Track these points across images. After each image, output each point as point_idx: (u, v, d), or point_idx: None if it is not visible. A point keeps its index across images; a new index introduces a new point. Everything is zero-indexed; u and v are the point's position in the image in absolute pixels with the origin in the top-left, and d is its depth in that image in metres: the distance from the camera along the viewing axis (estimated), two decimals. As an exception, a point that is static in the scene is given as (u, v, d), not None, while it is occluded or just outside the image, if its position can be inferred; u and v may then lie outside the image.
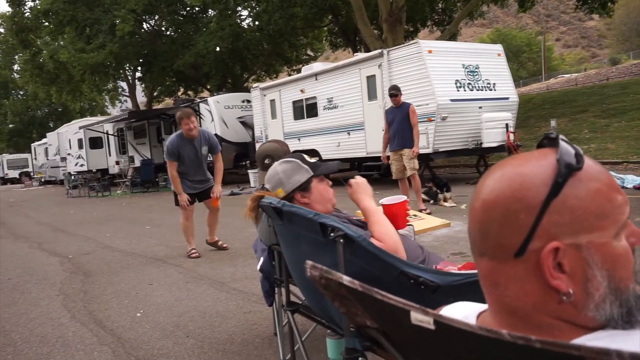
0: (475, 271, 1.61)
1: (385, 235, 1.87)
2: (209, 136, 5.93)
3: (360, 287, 0.79)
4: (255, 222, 2.19)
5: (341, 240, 1.67)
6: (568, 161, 0.71)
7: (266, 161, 3.21)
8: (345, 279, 0.80)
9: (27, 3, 30.34)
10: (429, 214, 6.78)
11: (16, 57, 40.50)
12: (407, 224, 2.28)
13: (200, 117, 18.50)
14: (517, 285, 0.73)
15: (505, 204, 0.73)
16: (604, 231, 0.70)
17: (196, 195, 6.14)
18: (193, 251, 6.11)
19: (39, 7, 26.24)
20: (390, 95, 7.52)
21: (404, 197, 2.17)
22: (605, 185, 0.72)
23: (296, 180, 2.09)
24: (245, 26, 26.45)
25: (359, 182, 2.12)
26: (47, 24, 26.77)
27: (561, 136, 0.76)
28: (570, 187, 0.71)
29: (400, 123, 7.45)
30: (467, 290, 1.45)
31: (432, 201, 8.59)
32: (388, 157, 7.82)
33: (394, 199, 2.19)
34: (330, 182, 2.20)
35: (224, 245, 6.36)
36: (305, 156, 2.20)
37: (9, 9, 30.77)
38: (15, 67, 44.27)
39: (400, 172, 7.55)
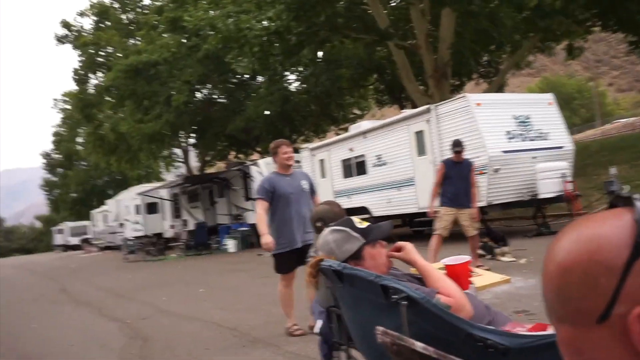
0: (546, 332, 1.54)
1: (453, 290, 1.84)
2: (307, 174, 5.25)
3: (435, 353, 0.77)
4: (315, 288, 2.18)
5: (404, 302, 1.63)
6: None
7: (318, 224, 3.19)
8: (419, 346, 0.79)
9: (91, 80, 32.75)
10: (487, 270, 6.57)
11: (80, 130, 43.25)
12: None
13: (250, 179, 18.95)
14: (603, 353, 0.69)
15: (584, 267, 0.71)
16: None
17: (298, 252, 4.86)
18: (295, 327, 4.96)
19: (102, 84, 28.16)
20: (456, 152, 7.24)
21: (467, 257, 2.12)
22: None
23: (348, 250, 2.08)
24: (293, 89, 27.34)
25: (408, 244, 2.12)
26: (109, 98, 28.59)
27: (635, 195, 0.74)
28: None
29: (463, 180, 7.17)
30: (538, 353, 1.38)
31: (489, 256, 8.31)
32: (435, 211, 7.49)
33: (456, 259, 2.15)
34: (385, 243, 2.17)
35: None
36: (356, 220, 2.19)
37: (76, 87, 33.26)
38: (79, 139, 47.20)
39: (447, 230, 7.18)
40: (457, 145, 7.22)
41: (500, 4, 14.09)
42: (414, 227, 13.36)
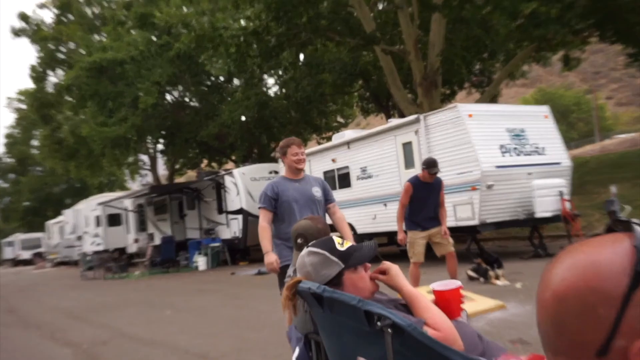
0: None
1: (441, 323, 1.84)
2: (321, 180, 4.93)
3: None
4: (294, 314, 2.17)
5: (389, 330, 1.64)
6: None
7: (298, 241, 3.15)
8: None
9: (50, 78, 32.36)
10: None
11: (35, 132, 42.60)
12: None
13: (224, 190, 18.86)
14: None
15: (581, 295, 0.72)
16: None
17: None
18: None
19: (62, 82, 27.84)
20: (431, 173, 6.94)
21: (458, 282, 2.13)
22: None
23: (325, 275, 2.06)
24: (272, 94, 27.37)
25: (394, 266, 2.11)
26: (69, 98, 28.26)
27: (634, 219, 0.76)
28: None
29: (433, 202, 7.08)
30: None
31: (482, 279, 8.38)
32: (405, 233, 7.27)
33: (446, 283, 2.16)
34: (369, 265, 2.17)
35: None
36: (337, 240, 2.18)
37: (32, 85, 32.81)
38: (34, 142, 46.47)
39: (422, 254, 7.06)
40: (432, 166, 6.94)
41: (493, 11, 14.33)
42: (401, 246, 13.39)
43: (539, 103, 28.66)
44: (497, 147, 11.00)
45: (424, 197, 7.02)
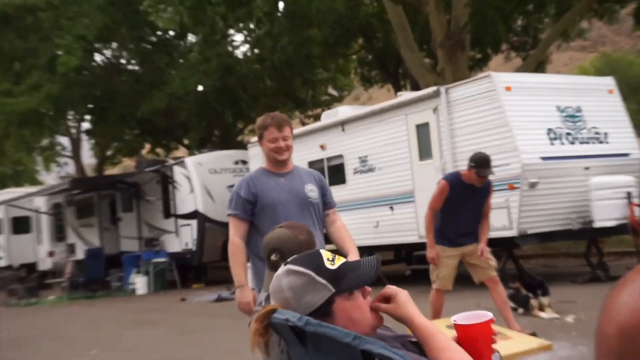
0: None
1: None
2: (317, 174, 4.74)
3: None
4: (265, 354, 2.16)
5: (396, 379, 1.63)
6: None
7: (272, 257, 3.08)
8: None
9: None
10: (532, 334, 6.59)
11: None
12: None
13: (173, 186, 18.82)
14: None
15: None
16: None
17: None
18: None
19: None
20: (483, 175, 7.01)
21: (489, 315, 2.13)
22: None
23: (310, 302, 2.04)
24: (240, 56, 27.30)
25: (402, 291, 2.11)
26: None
27: None
28: None
29: (475, 211, 7.15)
30: None
31: (521, 310, 8.45)
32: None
33: (472, 315, 2.15)
34: (369, 290, 2.16)
35: None
36: (327, 255, 2.17)
37: None
38: None
39: (450, 280, 7.11)
40: (485, 166, 6.98)
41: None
42: (413, 263, 13.46)
43: (602, 73, 28.83)
44: (543, 132, 11.08)
45: (462, 204, 7.07)
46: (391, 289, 2.12)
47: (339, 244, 4.54)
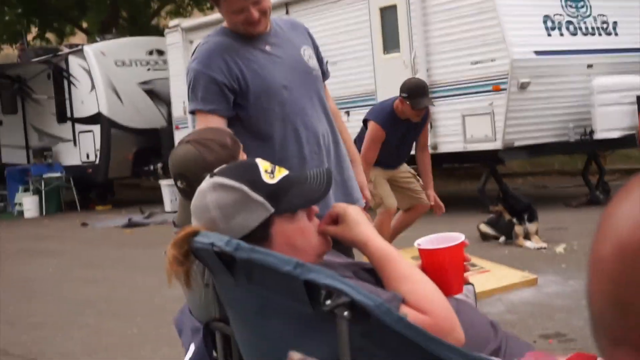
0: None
1: (430, 301, 1.89)
2: (303, 27, 4.03)
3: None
4: (185, 285, 2.18)
5: (345, 313, 1.68)
6: None
7: (179, 184, 2.84)
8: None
9: None
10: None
11: None
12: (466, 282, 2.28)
13: (69, 82, 18.47)
14: None
15: None
16: None
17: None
18: None
19: None
20: (420, 108, 7.07)
21: (461, 237, 2.16)
22: None
23: (242, 225, 2.04)
24: None
25: (351, 209, 2.14)
26: None
27: None
28: None
29: (413, 140, 7.53)
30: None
31: (502, 238, 8.64)
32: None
33: (440, 238, 2.19)
34: (316, 210, 2.18)
35: None
36: (264, 166, 2.15)
37: None
38: None
39: (393, 197, 7.39)
40: (420, 95, 7.06)
41: None
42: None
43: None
44: (539, 18, 11.09)
45: (398, 143, 7.28)
46: (340, 206, 2.15)
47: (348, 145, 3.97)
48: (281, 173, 2.12)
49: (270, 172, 2.11)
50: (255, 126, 3.50)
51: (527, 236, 8.48)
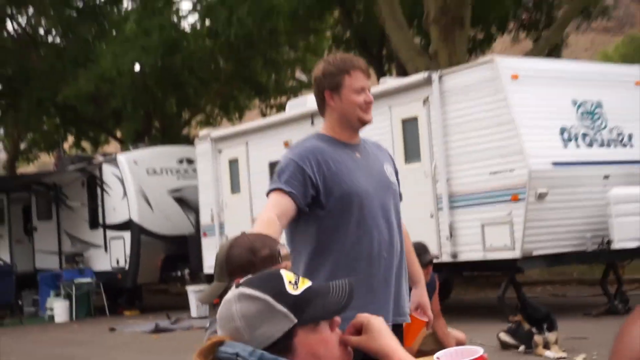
0: None
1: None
2: (386, 150, 4.35)
3: None
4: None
5: None
6: None
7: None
8: None
9: None
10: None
11: None
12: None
13: (102, 190, 18.67)
14: None
15: None
16: None
17: None
18: None
19: None
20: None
21: (480, 351, 2.18)
22: None
23: (266, 335, 2.05)
24: (188, 29, 27.11)
25: (374, 319, 2.16)
26: None
27: None
28: None
29: None
30: None
31: (522, 347, 8.55)
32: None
33: (460, 351, 2.20)
34: (339, 321, 2.19)
35: None
36: (288, 277, 2.18)
37: None
38: None
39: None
40: (423, 252, 6.73)
41: None
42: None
43: (629, 60, 29.14)
44: (556, 131, 11.18)
45: None
46: (363, 316, 2.14)
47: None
48: (304, 284, 2.13)
49: (294, 283, 2.11)
50: (333, 224, 3.52)
51: (546, 345, 8.39)
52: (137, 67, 24.62)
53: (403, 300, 3.65)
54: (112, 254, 18.33)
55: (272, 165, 14.57)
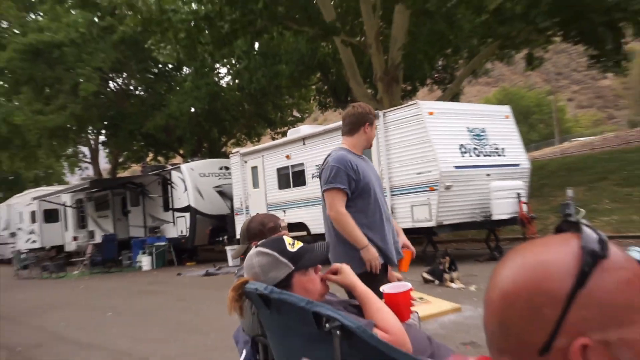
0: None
1: (392, 326, 1.91)
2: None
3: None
4: (240, 315, 2.18)
5: (337, 332, 1.68)
6: (593, 248, 0.74)
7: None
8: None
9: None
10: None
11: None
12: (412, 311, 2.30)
13: (171, 186, 18.61)
14: None
15: (528, 296, 0.75)
16: (635, 326, 0.71)
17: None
18: None
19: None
20: None
21: (408, 285, 2.19)
22: (634, 275, 0.73)
23: (274, 277, 2.08)
24: (224, 85, 27.12)
25: (345, 266, 2.18)
26: (1, 83, 27.26)
27: (582, 220, 0.80)
28: (597, 277, 0.72)
29: None
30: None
31: (437, 282, 8.57)
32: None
33: (396, 286, 2.22)
34: (320, 267, 2.20)
35: None
36: (288, 240, 2.19)
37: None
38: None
39: None
40: None
41: (458, 5, 14.57)
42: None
43: (501, 103, 29.31)
44: (456, 146, 11.23)
45: None
46: (337, 264, 2.18)
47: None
48: (298, 244, 2.16)
49: (292, 244, 2.15)
50: (360, 202, 3.63)
51: (452, 280, 8.46)
52: (192, 110, 24.55)
53: (397, 244, 3.76)
54: (178, 227, 18.28)
55: (280, 170, 14.58)
